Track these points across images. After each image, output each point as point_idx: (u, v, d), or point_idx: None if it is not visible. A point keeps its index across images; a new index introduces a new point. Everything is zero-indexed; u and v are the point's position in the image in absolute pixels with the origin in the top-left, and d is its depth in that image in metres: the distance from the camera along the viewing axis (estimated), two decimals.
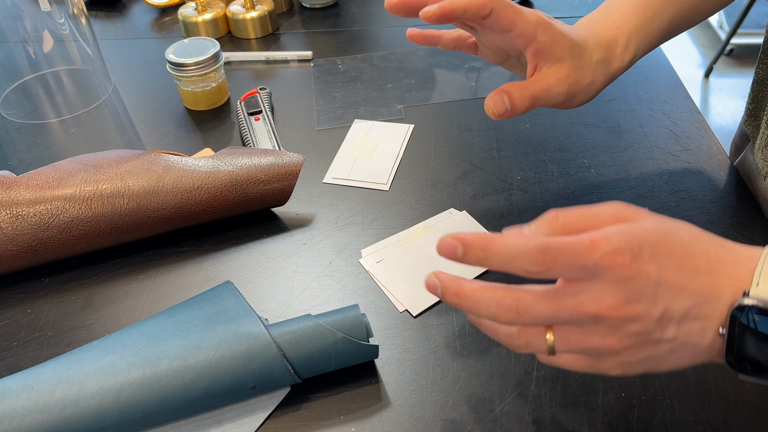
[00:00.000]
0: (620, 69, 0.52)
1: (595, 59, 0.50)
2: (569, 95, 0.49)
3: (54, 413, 0.39)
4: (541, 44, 0.47)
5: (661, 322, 0.33)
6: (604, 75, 0.51)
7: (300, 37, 0.87)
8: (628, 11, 0.52)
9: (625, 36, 0.51)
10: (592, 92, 0.51)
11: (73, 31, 0.74)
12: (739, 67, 2.37)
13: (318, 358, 0.42)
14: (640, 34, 0.52)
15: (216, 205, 0.54)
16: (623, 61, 0.51)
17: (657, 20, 0.52)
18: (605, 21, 0.52)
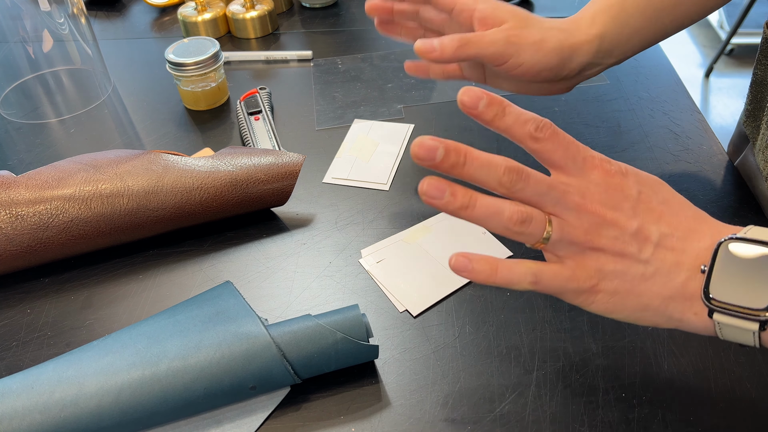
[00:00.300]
0: (586, 41, 0.50)
1: (547, 25, 0.50)
2: (509, 45, 0.48)
3: (53, 413, 0.39)
4: (482, 11, 0.49)
5: (636, 237, 0.35)
6: (559, 40, 0.49)
7: (300, 36, 0.87)
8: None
9: (590, 13, 0.51)
10: (543, 51, 0.49)
11: (72, 31, 0.74)
12: (740, 67, 2.37)
13: (318, 359, 0.42)
14: (608, 11, 0.50)
15: (216, 205, 0.54)
16: (588, 34, 0.50)
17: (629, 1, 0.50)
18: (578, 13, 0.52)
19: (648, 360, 0.45)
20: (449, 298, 0.50)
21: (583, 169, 0.36)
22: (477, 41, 0.48)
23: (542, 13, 0.88)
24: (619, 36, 0.51)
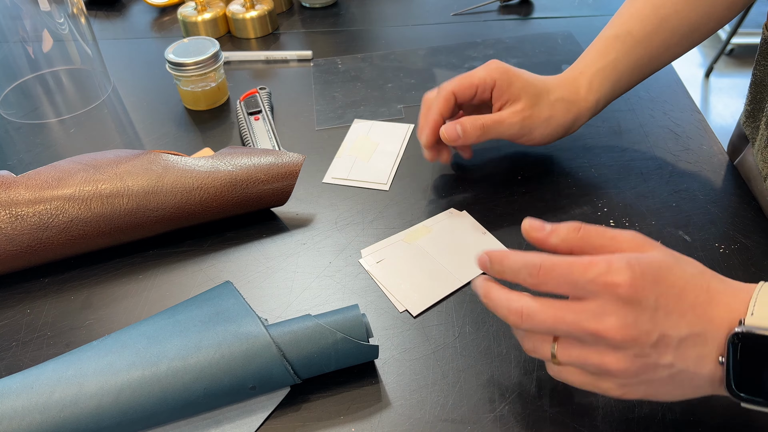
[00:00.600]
0: (586, 109, 0.56)
1: (553, 98, 0.55)
2: (524, 127, 0.54)
3: (53, 413, 0.39)
4: (499, 87, 0.54)
5: (657, 346, 0.34)
6: (565, 113, 0.55)
7: (300, 36, 0.87)
8: (591, 55, 0.57)
9: (587, 78, 0.56)
10: (552, 126, 0.56)
11: (72, 31, 0.74)
12: (740, 67, 2.37)
13: (318, 359, 0.42)
14: (603, 74, 0.56)
15: (216, 204, 0.54)
16: (588, 101, 0.56)
17: (622, 61, 0.56)
18: (572, 68, 0.58)
19: None
20: (449, 298, 0.50)
21: (595, 293, 0.34)
22: (496, 127, 0.54)
23: (542, 12, 0.88)
24: (613, 94, 0.57)
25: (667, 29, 0.55)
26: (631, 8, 0.57)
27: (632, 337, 0.34)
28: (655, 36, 0.55)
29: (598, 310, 0.34)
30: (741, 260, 0.51)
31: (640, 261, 0.35)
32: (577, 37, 0.82)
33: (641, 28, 0.55)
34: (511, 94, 0.54)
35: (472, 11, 0.90)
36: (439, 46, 0.82)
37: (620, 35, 0.56)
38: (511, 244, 0.54)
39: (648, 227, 0.54)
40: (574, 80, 0.56)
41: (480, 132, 0.53)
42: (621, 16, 0.57)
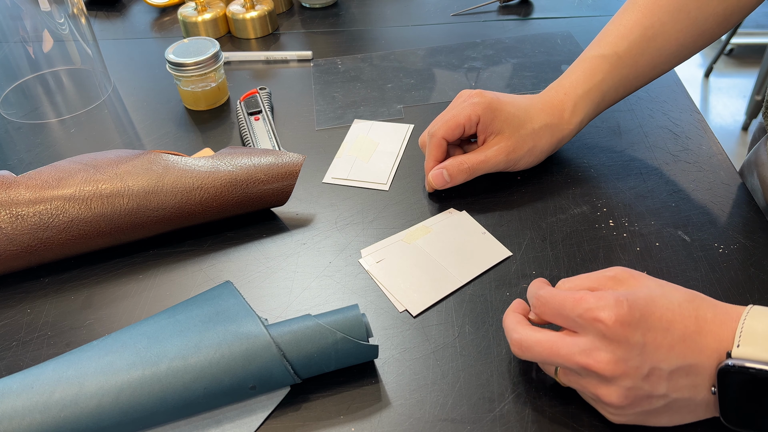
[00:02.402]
0: (570, 131, 0.57)
1: (537, 126, 0.56)
2: (509, 162, 0.56)
3: (54, 413, 0.39)
4: (483, 122, 0.55)
5: (649, 379, 0.35)
6: (549, 138, 0.57)
7: (300, 37, 0.87)
8: (576, 77, 0.57)
9: (572, 101, 0.56)
10: (536, 154, 0.57)
11: (72, 31, 0.74)
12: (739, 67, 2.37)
13: (318, 358, 0.42)
14: (588, 97, 0.57)
15: (216, 205, 0.54)
16: (572, 124, 0.57)
17: (607, 82, 0.56)
18: (556, 88, 0.58)
19: None
20: (449, 298, 0.50)
21: (585, 327, 0.36)
22: (482, 167, 0.56)
23: (542, 12, 0.88)
24: (596, 113, 0.59)
25: (654, 49, 0.55)
26: (619, 27, 0.57)
27: (623, 371, 0.35)
28: (641, 57, 0.56)
29: (588, 345, 0.36)
30: (740, 260, 0.51)
31: (627, 297, 0.36)
32: (577, 38, 0.82)
33: (628, 49, 0.55)
34: (495, 127, 0.55)
35: (472, 11, 0.90)
36: (439, 46, 0.82)
37: (607, 56, 0.56)
38: (511, 244, 0.54)
39: (647, 227, 0.54)
40: (559, 103, 0.56)
41: (467, 174, 0.56)
42: (608, 35, 0.57)
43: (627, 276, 0.39)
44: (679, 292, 0.37)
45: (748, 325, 0.35)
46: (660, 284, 0.38)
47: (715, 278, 0.50)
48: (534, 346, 0.38)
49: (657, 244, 0.53)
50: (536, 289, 0.41)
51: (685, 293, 0.37)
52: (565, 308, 0.37)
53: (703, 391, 0.36)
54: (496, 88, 0.73)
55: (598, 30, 0.59)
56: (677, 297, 0.37)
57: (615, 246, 0.53)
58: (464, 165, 0.55)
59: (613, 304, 0.35)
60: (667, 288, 0.37)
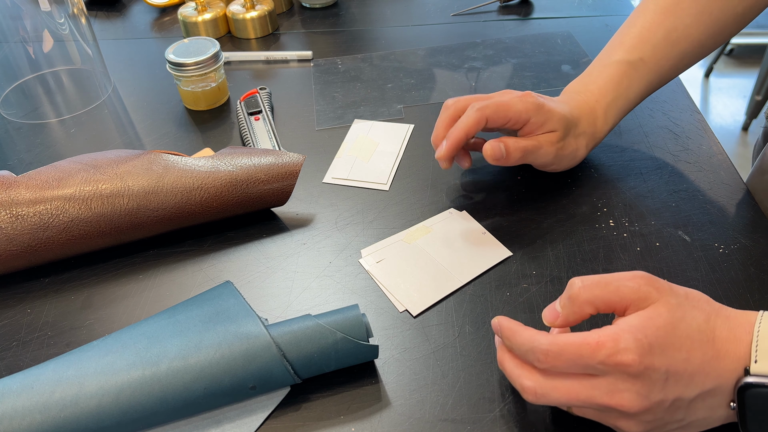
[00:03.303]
0: (601, 138, 0.57)
1: (580, 131, 0.55)
2: (556, 158, 0.55)
3: (54, 413, 0.39)
4: (533, 123, 0.53)
5: (671, 409, 0.35)
6: (587, 144, 0.56)
7: (300, 37, 0.87)
8: (605, 83, 0.56)
9: (603, 108, 0.56)
10: (576, 159, 0.57)
11: (72, 31, 0.74)
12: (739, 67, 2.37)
13: (318, 358, 0.42)
14: (616, 104, 0.56)
15: (216, 205, 0.54)
16: (603, 131, 0.57)
17: (633, 88, 0.56)
18: (585, 93, 0.57)
19: None
20: (449, 298, 0.50)
21: (606, 372, 0.35)
22: (534, 152, 0.54)
23: (542, 12, 0.88)
24: (621, 118, 0.58)
25: (678, 52, 0.55)
26: (641, 29, 0.56)
27: (646, 407, 0.35)
28: (665, 61, 0.56)
29: (611, 387, 0.35)
30: (740, 260, 0.51)
31: (647, 334, 0.35)
32: (577, 38, 0.82)
33: (652, 54, 0.55)
34: (548, 127, 0.53)
35: (472, 11, 0.90)
36: (439, 46, 0.82)
37: (632, 61, 0.56)
38: (511, 244, 0.54)
39: (647, 227, 0.54)
40: (592, 111, 0.56)
41: (521, 154, 0.53)
42: (630, 37, 0.56)
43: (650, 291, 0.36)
44: (696, 311, 0.36)
45: (763, 336, 0.35)
46: (679, 303, 0.36)
47: (715, 278, 0.50)
48: (550, 392, 0.36)
49: (657, 244, 0.53)
50: (530, 342, 0.37)
51: (701, 310, 0.36)
52: (583, 358, 0.35)
53: (721, 410, 0.36)
54: (497, 88, 0.73)
55: (598, 30, 0.59)
56: (695, 319, 0.36)
57: (615, 246, 0.53)
58: (520, 144, 0.53)
59: (634, 345, 0.34)
60: (686, 308, 0.36)
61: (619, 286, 0.36)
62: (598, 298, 0.37)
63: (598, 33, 0.83)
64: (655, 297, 0.36)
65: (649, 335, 0.34)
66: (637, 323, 0.35)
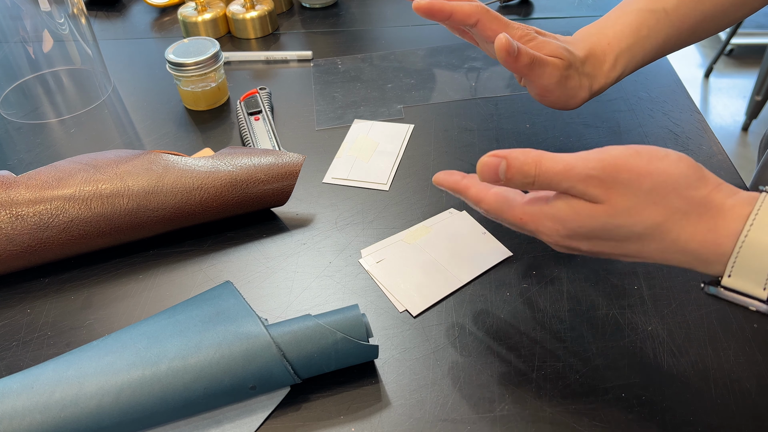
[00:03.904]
0: (605, 85, 0.54)
1: (584, 70, 0.52)
2: (558, 84, 0.51)
3: (54, 413, 0.39)
4: (535, 46, 0.50)
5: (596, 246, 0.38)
6: (590, 85, 0.53)
7: (300, 37, 0.87)
8: (622, 29, 0.53)
9: (614, 53, 0.53)
10: (577, 99, 0.53)
11: (72, 31, 0.74)
12: (739, 67, 2.37)
13: (318, 358, 0.42)
14: (630, 52, 0.53)
15: (216, 205, 0.54)
16: (609, 78, 0.53)
17: (651, 39, 0.54)
18: (599, 35, 0.53)
19: (648, 360, 0.45)
20: (449, 298, 0.50)
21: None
22: (542, 68, 0.49)
23: (542, 12, 0.88)
24: (632, 71, 0.55)
25: (700, 13, 0.53)
26: None
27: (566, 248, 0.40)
28: (686, 18, 0.54)
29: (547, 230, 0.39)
30: None
31: (568, 227, 0.37)
32: None
33: (676, 8, 0.53)
34: (558, 52, 0.51)
35: None
36: (439, 46, 0.82)
37: (655, 11, 0.53)
38: (511, 244, 0.54)
39: None
40: (602, 54, 0.53)
41: (529, 60, 0.48)
42: None
43: (595, 194, 0.36)
44: (653, 209, 0.35)
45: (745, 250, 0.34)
46: (629, 207, 0.35)
47: None
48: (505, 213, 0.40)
49: None
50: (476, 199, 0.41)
51: (661, 213, 0.35)
52: (513, 225, 0.40)
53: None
54: (497, 88, 0.73)
55: None
56: (643, 223, 0.35)
57: None
58: (531, 51, 0.48)
59: (552, 234, 0.38)
60: (634, 213, 0.35)
61: (575, 182, 0.36)
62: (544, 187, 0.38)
63: None
64: (601, 198, 0.36)
65: (570, 225, 0.37)
66: (565, 212, 0.37)
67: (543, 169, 0.36)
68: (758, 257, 0.33)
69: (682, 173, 0.35)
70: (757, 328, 0.46)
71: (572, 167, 0.36)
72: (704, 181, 0.35)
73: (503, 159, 0.37)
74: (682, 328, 0.47)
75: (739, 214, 0.34)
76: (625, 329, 0.47)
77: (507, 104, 0.70)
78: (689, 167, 0.35)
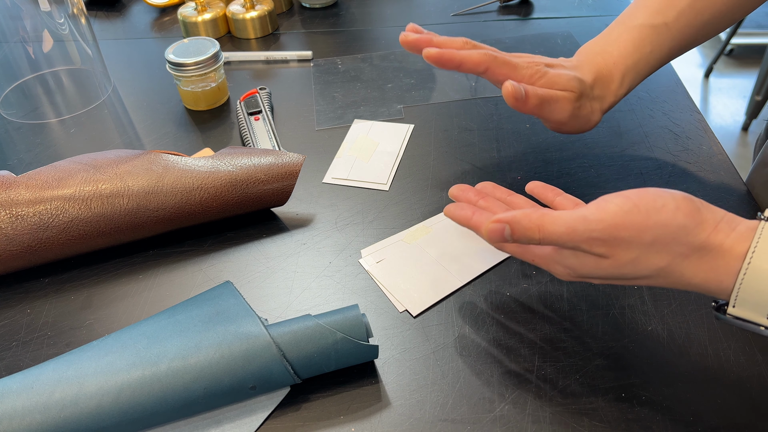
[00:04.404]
0: (614, 103, 0.55)
1: (594, 94, 0.53)
2: (572, 116, 0.52)
3: (54, 413, 0.39)
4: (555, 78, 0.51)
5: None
6: (600, 108, 0.54)
7: (300, 37, 0.87)
8: (626, 46, 0.54)
9: (621, 72, 0.54)
10: (590, 123, 0.54)
11: (72, 31, 0.74)
12: (739, 67, 2.37)
13: (318, 358, 0.42)
14: (635, 69, 0.54)
15: (216, 205, 0.54)
16: (617, 96, 0.54)
17: (655, 53, 0.54)
18: (603, 55, 0.54)
19: (648, 360, 0.45)
20: (449, 298, 0.50)
21: None
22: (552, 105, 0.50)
23: (542, 12, 0.88)
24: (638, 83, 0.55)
25: (700, 22, 0.54)
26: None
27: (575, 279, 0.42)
28: (688, 29, 0.54)
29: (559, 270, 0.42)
30: None
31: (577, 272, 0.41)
32: (577, 38, 0.82)
33: (676, 20, 0.53)
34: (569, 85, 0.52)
35: (472, 11, 0.90)
36: None
37: (656, 26, 0.54)
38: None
39: None
40: (609, 74, 0.54)
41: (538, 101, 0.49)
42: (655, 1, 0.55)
43: (602, 251, 0.38)
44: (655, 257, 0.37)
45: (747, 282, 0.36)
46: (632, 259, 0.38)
47: None
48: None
49: None
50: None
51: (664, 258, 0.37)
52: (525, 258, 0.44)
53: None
54: (497, 88, 0.73)
55: (598, 30, 0.59)
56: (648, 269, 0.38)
57: None
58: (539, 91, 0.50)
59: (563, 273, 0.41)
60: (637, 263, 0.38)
61: (578, 243, 0.38)
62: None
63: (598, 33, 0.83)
64: (606, 254, 0.38)
65: (580, 272, 0.40)
66: (574, 263, 0.40)
67: (546, 234, 0.38)
68: (758, 291, 0.35)
69: (680, 224, 0.36)
70: None
71: (574, 230, 0.38)
72: (702, 225, 0.36)
73: (506, 224, 0.39)
74: (682, 328, 0.47)
75: (738, 252, 0.36)
76: (625, 329, 0.47)
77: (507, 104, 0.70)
78: (687, 215, 0.37)
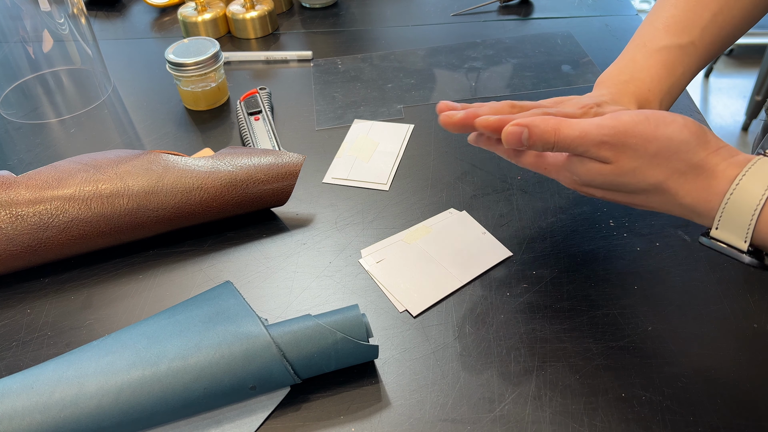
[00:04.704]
0: None
1: None
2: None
3: (54, 413, 0.39)
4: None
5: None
6: None
7: (300, 37, 0.87)
8: (657, 71, 0.51)
9: (657, 99, 0.50)
10: None
11: (72, 31, 0.74)
12: (739, 67, 2.37)
13: (318, 358, 0.42)
14: (670, 93, 0.51)
15: (216, 205, 0.54)
16: None
17: (687, 75, 0.52)
18: (636, 83, 0.50)
19: (648, 360, 0.45)
20: (449, 298, 0.50)
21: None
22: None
23: (542, 12, 0.88)
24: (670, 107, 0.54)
25: (723, 36, 0.53)
26: (687, 13, 0.53)
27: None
28: (712, 45, 0.53)
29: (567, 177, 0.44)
30: None
31: (584, 180, 0.42)
32: (577, 38, 0.82)
33: (701, 38, 0.52)
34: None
35: (472, 11, 0.90)
36: (439, 46, 0.82)
37: (684, 46, 0.52)
38: (511, 244, 0.54)
39: (648, 227, 0.54)
40: (647, 102, 0.51)
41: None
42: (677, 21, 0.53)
43: (607, 156, 0.40)
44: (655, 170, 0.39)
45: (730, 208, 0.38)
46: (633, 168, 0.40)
47: (715, 278, 0.50)
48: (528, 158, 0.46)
49: (657, 244, 0.53)
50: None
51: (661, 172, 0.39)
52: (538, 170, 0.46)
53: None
54: (497, 88, 0.73)
55: (598, 30, 0.59)
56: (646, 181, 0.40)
57: (615, 246, 0.53)
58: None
59: (570, 183, 0.44)
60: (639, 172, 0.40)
61: (589, 147, 0.40)
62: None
63: (598, 33, 0.83)
64: (610, 159, 0.40)
65: (585, 178, 0.42)
66: (580, 169, 0.42)
67: (561, 136, 0.40)
68: (740, 214, 0.37)
69: (684, 139, 0.39)
70: (757, 328, 0.46)
71: (587, 133, 0.40)
72: (705, 145, 0.39)
73: (525, 128, 0.41)
74: (682, 328, 0.47)
75: (729, 175, 0.38)
76: (625, 329, 0.47)
77: None
78: (692, 133, 0.39)
